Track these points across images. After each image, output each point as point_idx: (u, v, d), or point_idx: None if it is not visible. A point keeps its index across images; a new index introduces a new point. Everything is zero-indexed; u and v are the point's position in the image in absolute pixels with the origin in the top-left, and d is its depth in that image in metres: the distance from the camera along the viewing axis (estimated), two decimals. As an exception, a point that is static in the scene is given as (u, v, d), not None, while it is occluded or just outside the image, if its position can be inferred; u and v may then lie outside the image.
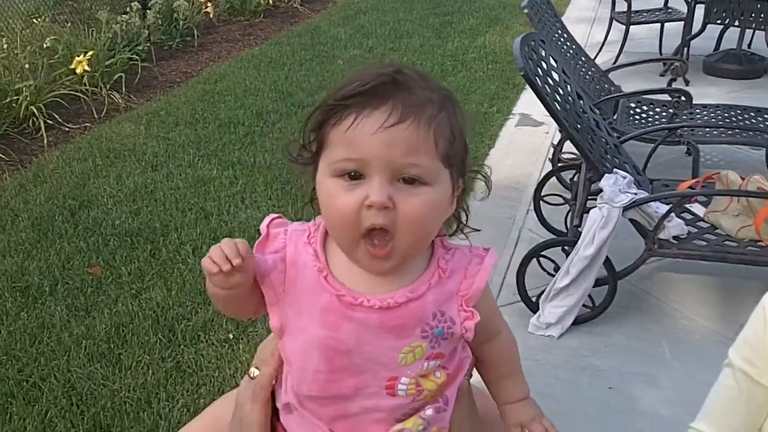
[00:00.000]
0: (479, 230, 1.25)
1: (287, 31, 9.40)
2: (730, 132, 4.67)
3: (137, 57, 7.33)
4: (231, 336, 3.49)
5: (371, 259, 1.13)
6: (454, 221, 1.24)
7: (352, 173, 1.10)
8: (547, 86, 3.50)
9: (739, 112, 5.00)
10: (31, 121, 6.04)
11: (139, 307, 3.72)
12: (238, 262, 1.12)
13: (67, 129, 6.13)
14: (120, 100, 6.69)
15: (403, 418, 1.22)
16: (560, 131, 4.68)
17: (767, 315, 1.56)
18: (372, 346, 1.16)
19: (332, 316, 1.16)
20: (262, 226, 1.23)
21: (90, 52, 6.60)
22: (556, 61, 3.75)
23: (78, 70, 6.45)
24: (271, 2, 10.08)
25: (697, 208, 3.74)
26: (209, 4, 8.92)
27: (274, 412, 1.34)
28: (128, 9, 7.99)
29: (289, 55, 8.20)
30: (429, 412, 1.21)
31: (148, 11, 8.36)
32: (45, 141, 5.80)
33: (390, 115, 1.07)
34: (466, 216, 1.24)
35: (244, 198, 4.81)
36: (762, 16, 6.72)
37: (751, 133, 4.58)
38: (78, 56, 6.50)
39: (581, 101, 3.75)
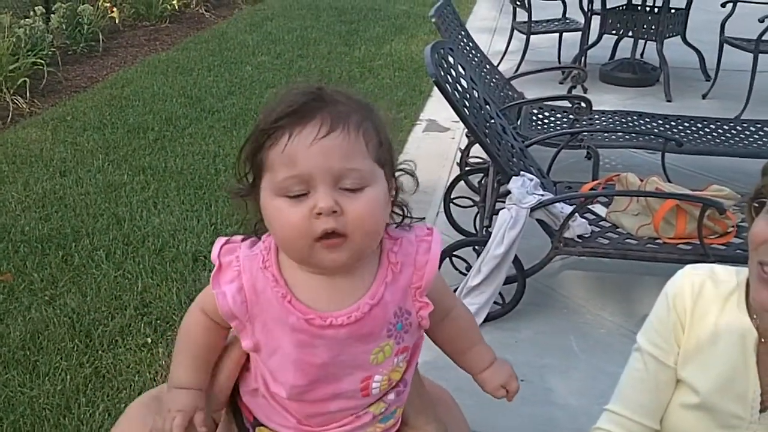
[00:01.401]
0: (423, 218, 1.34)
1: (194, 36, 9.31)
2: (627, 136, 4.84)
3: (42, 61, 7.16)
4: (149, 340, 3.48)
5: (329, 253, 1.17)
6: (395, 216, 1.30)
7: (296, 190, 1.16)
8: (456, 92, 3.57)
9: (635, 117, 5.17)
10: (-70, 126, 5.89)
11: (53, 314, 3.66)
12: None
13: (-31, 134, 5.98)
14: (24, 105, 6.56)
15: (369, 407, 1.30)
16: (468, 136, 4.81)
17: (669, 301, 1.70)
18: (345, 356, 1.22)
19: (303, 336, 1.20)
20: (213, 257, 1.26)
21: (-8, 57, 6.45)
22: (464, 68, 3.82)
23: (-20, 75, 6.31)
24: (176, 8, 9.98)
25: (599, 209, 3.86)
26: (114, 9, 8.81)
27: (235, 391, 1.38)
28: (31, 13, 7.82)
29: (196, 60, 8.15)
30: (391, 396, 1.29)
31: (52, 15, 8.20)
32: (-54, 146, 5.65)
33: (321, 127, 1.13)
34: (405, 210, 1.31)
35: (156, 203, 4.78)
36: (653, 28, 7.02)
37: (647, 137, 4.75)
38: (-21, 61, 6.36)
39: (488, 107, 3.83)
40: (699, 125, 5.06)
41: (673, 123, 5.10)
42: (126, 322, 3.61)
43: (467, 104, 3.63)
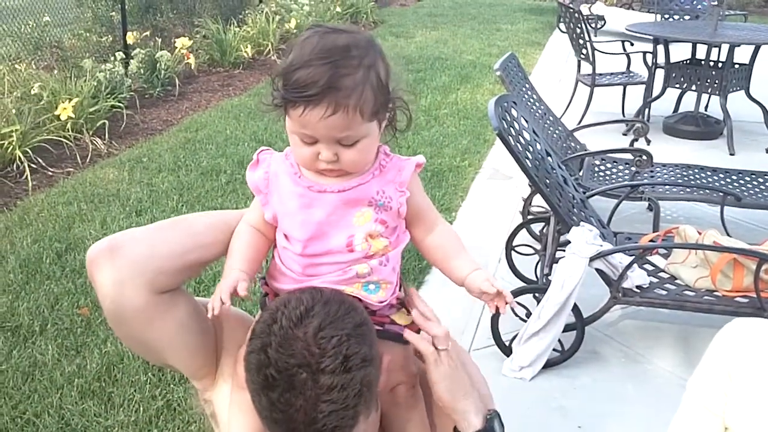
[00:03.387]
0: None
1: (265, 82, 9.47)
2: (688, 189, 4.86)
3: (120, 104, 7.43)
4: (218, 376, 3.60)
5: (329, 174, 1.51)
6: (389, 132, 1.60)
7: (306, 138, 1.47)
8: (519, 145, 3.65)
9: (696, 171, 5.19)
10: (15, 165, 6.13)
11: (128, 348, 3.78)
12: (219, 306, 1.49)
13: (50, 173, 6.22)
14: (102, 146, 6.80)
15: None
16: (530, 186, 4.89)
17: (718, 350, 1.78)
18: (335, 216, 1.52)
19: (305, 199, 1.52)
20: (254, 156, 1.60)
21: (74, 99, 6.71)
22: (526, 120, 3.91)
23: (62, 116, 6.56)
24: (249, 55, 10.27)
25: (658, 260, 3.91)
26: (190, 55, 9.05)
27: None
28: (112, 58, 8.12)
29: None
30: (373, 261, 1.54)
31: (131, 60, 8.49)
32: (29, 185, 5.89)
33: (327, 109, 1.40)
34: (410, 118, 1.61)
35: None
36: (717, 82, 7.06)
37: (707, 191, 4.76)
38: (63, 103, 6.61)
39: (550, 158, 3.90)
40: (760, 180, 5.07)
41: (734, 177, 5.12)
42: (197, 358, 3.73)
43: (529, 156, 3.71)
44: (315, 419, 1.31)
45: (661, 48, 7.54)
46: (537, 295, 3.75)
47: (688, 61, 7.49)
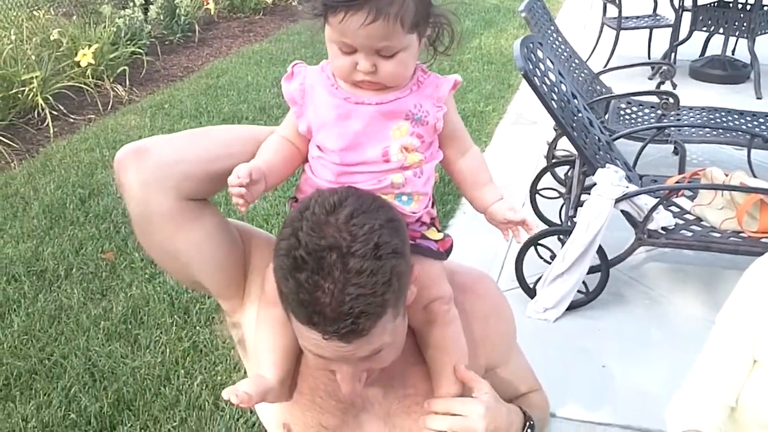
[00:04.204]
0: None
1: (286, 29, 9.48)
2: (714, 132, 4.82)
3: (140, 51, 7.43)
4: (244, 317, 3.63)
5: (366, 87, 1.47)
6: (429, 52, 1.54)
7: (345, 50, 1.42)
8: (544, 86, 3.62)
9: (723, 114, 5.15)
10: (36, 112, 6.17)
11: (153, 291, 3.83)
12: (246, 180, 1.42)
13: (72, 120, 6.26)
14: (123, 93, 6.82)
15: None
16: (555, 129, 4.86)
17: (748, 283, 1.77)
18: (372, 127, 1.48)
19: (341, 110, 1.47)
20: (288, 69, 1.55)
21: (94, 46, 6.71)
22: (552, 62, 3.87)
23: (82, 63, 6.57)
24: (270, 1, 10.21)
25: (684, 202, 3.88)
26: (210, 1, 9.00)
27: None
28: (131, 4, 8.09)
29: (289, 52, 8.29)
30: (408, 173, 1.51)
31: (150, 6, 8.47)
32: (51, 131, 5.93)
33: (368, 16, 1.35)
34: (452, 36, 1.54)
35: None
36: (745, 25, 6.94)
37: (733, 133, 4.73)
38: (82, 49, 6.61)
39: (576, 101, 3.88)
40: (788, 122, 5.01)
41: (761, 120, 5.06)
42: (222, 300, 3.76)
43: (555, 97, 3.68)
44: (342, 301, 1.29)
45: (688, -10, 7.42)
46: (562, 237, 3.75)
47: (715, 4, 7.34)
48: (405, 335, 1.49)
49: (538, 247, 3.78)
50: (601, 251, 3.59)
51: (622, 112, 5.22)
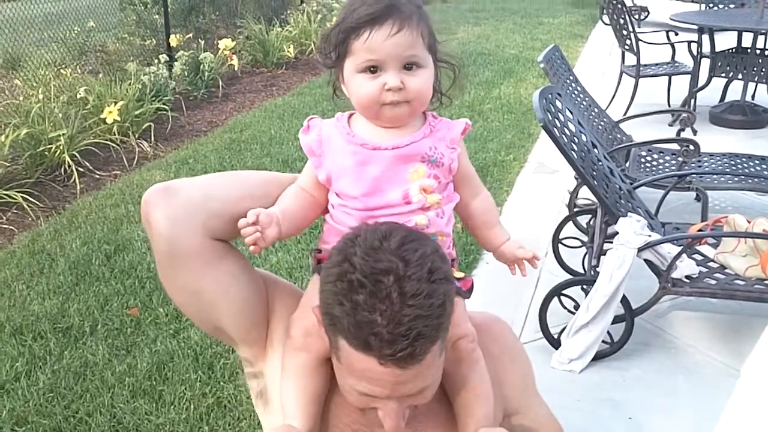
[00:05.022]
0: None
1: (308, 82, 9.60)
2: (736, 178, 4.80)
3: (165, 107, 7.53)
4: (268, 372, 3.63)
5: (392, 109, 1.54)
6: (435, 98, 1.66)
7: (372, 68, 1.52)
8: (564, 136, 3.63)
9: (744, 159, 5.12)
10: (63, 169, 6.23)
11: (178, 346, 3.82)
12: (252, 220, 1.51)
13: (98, 176, 6.32)
14: (149, 149, 6.90)
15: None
16: (576, 178, 4.85)
17: None
18: (390, 171, 1.56)
19: (360, 156, 1.56)
20: (305, 123, 1.65)
21: (120, 103, 6.81)
22: (571, 112, 3.88)
23: (108, 120, 6.65)
24: (292, 54, 10.34)
25: (707, 250, 3.86)
26: (233, 57, 9.13)
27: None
28: (156, 61, 8.21)
29: (311, 105, 8.37)
30: (430, 213, 1.58)
31: (175, 63, 8.60)
32: (77, 188, 5.99)
33: (393, 27, 1.48)
34: (457, 74, 1.66)
35: (275, 243, 4.91)
36: (764, 70, 6.96)
37: (756, 179, 4.71)
38: (108, 106, 6.70)
39: (596, 150, 3.88)
40: (810, 167, 4.98)
41: (783, 165, 5.04)
42: (246, 355, 3.75)
43: (575, 148, 3.68)
44: (400, 323, 1.30)
45: (706, 37, 7.43)
46: (585, 287, 3.73)
47: (733, 50, 7.37)
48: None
49: (562, 297, 3.77)
50: (625, 301, 3.57)
51: (642, 160, 5.22)
